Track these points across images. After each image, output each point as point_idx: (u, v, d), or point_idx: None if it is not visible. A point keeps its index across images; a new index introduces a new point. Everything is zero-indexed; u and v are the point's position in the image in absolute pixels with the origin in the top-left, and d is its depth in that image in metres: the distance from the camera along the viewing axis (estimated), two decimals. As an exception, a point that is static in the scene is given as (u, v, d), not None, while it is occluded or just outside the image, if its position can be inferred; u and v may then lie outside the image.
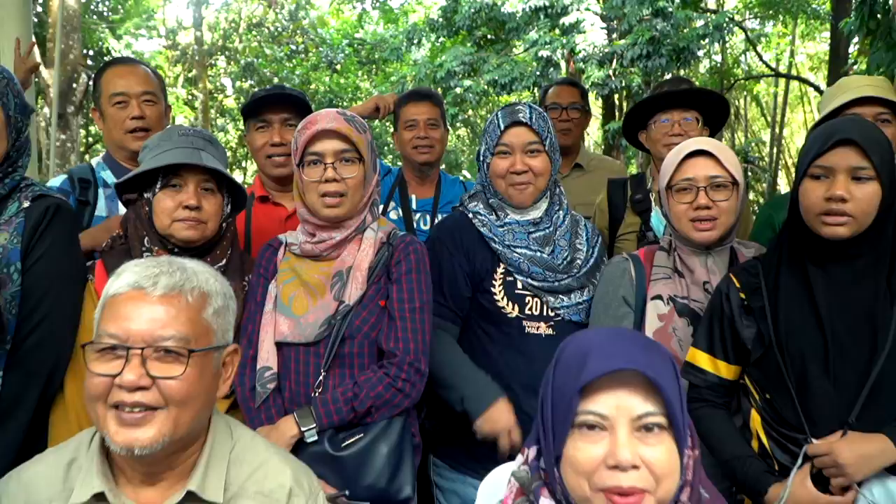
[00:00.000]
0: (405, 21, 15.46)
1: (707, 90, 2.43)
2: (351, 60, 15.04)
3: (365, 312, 1.45)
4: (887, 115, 1.79)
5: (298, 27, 14.49)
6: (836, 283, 1.34)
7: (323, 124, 1.43)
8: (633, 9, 6.80)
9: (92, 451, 1.01)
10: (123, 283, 0.99)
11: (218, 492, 1.01)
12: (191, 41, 15.18)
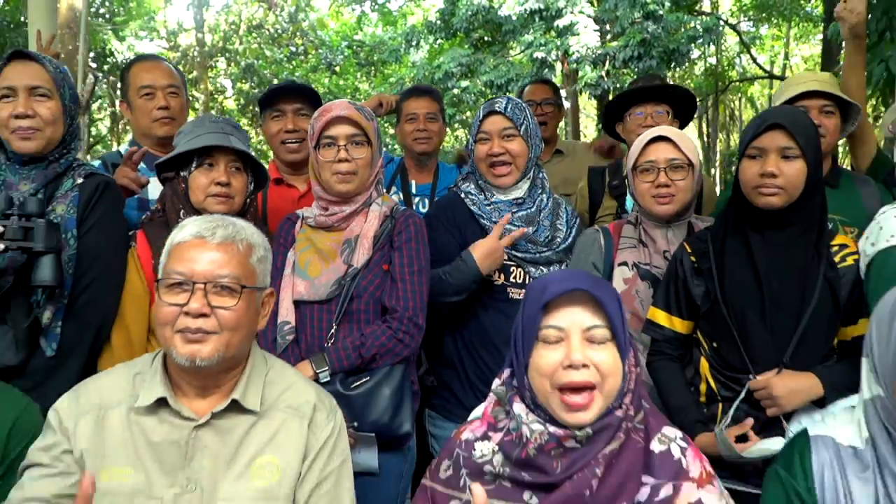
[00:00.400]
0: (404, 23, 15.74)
1: (676, 86, 2.67)
2: (350, 62, 15.32)
3: (370, 275, 1.70)
4: (830, 107, 2.04)
5: (298, 29, 14.76)
6: (772, 247, 1.59)
7: (337, 112, 1.69)
8: (625, 12, 7.06)
9: (155, 366, 1.26)
10: (187, 233, 1.23)
11: (255, 403, 1.26)
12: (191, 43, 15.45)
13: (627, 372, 1.11)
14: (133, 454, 1.22)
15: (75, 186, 1.65)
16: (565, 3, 7.42)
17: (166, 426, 1.23)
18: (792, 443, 1.23)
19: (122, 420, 1.22)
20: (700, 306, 1.65)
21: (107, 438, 1.21)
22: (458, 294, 1.78)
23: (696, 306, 1.66)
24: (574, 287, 1.07)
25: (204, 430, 1.24)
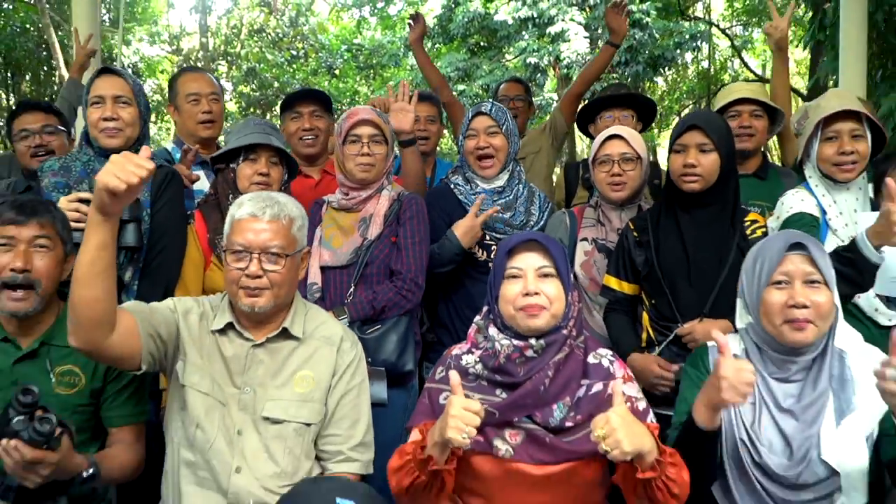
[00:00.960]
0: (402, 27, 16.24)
1: (639, 94, 3.15)
2: (349, 65, 15.80)
3: (381, 245, 2.16)
4: (759, 111, 2.52)
5: (299, 33, 15.24)
6: (696, 223, 2.05)
7: (361, 115, 2.16)
8: (613, 20, 7.54)
9: (224, 304, 1.72)
10: (244, 212, 1.68)
11: (299, 332, 1.72)
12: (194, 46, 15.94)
13: (570, 302, 1.57)
14: (207, 362, 1.68)
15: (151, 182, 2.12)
16: (557, 11, 7.90)
17: (233, 344, 1.70)
18: (696, 351, 1.70)
19: (203, 334, 1.69)
20: (641, 271, 2.11)
21: (194, 343, 1.67)
22: (447, 265, 2.24)
23: (638, 272, 2.12)
24: (529, 238, 1.53)
25: (259, 349, 1.70)
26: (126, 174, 1.37)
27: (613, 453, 1.29)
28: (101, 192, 1.37)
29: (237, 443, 1.64)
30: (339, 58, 15.63)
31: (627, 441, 1.28)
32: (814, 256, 1.53)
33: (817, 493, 1.49)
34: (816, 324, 1.52)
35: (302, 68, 15.37)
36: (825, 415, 1.53)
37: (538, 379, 1.52)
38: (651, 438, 1.34)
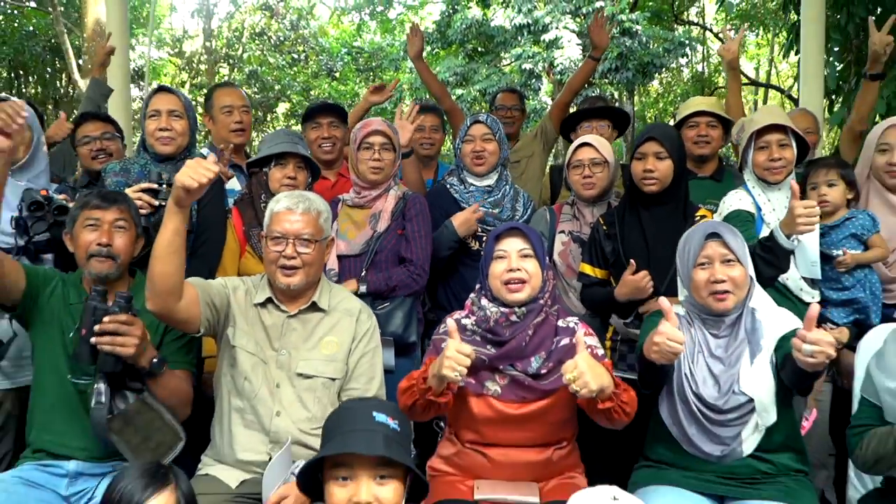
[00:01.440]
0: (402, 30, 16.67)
1: (614, 107, 3.58)
2: (349, 68, 16.23)
3: (389, 237, 2.59)
4: (714, 122, 2.96)
5: (300, 37, 15.67)
6: (655, 218, 2.48)
7: (374, 126, 2.60)
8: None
9: (263, 282, 2.15)
10: (282, 206, 2.11)
11: (325, 305, 2.14)
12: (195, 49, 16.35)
13: (546, 278, 2.00)
14: (251, 330, 2.10)
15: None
16: (551, 19, 8.33)
17: (271, 315, 2.12)
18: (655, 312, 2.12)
19: (248, 306, 2.11)
20: (609, 259, 2.54)
21: (241, 313, 2.10)
22: (445, 251, 2.65)
23: (607, 259, 2.54)
24: (512, 226, 1.97)
25: (293, 319, 2.13)
26: (198, 175, 1.79)
27: (582, 392, 1.69)
28: (178, 189, 1.80)
29: (276, 393, 2.07)
30: (340, 61, 16.07)
31: (593, 381, 1.69)
32: (727, 241, 1.96)
33: (738, 414, 1.92)
34: (734, 293, 1.96)
35: (303, 71, 15.80)
36: (743, 358, 1.96)
37: (520, 338, 1.94)
38: (609, 376, 1.77)
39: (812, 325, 1.71)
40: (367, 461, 1.44)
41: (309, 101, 16.17)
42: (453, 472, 2.01)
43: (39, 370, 2.14)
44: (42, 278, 2.13)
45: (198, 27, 16.60)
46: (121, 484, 1.53)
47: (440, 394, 1.77)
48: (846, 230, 2.40)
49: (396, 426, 1.49)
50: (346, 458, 1.45)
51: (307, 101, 16.08)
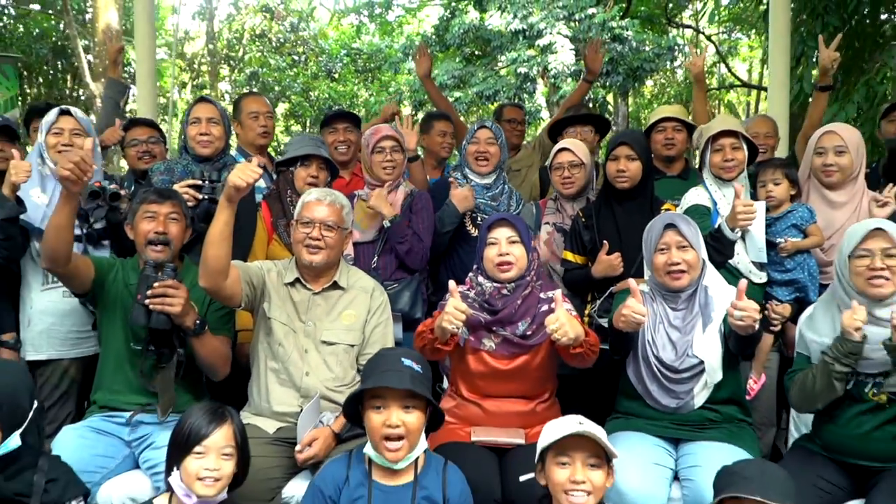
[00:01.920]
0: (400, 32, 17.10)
1: (596, 115, 4.01)
2: (348, 69, 16.64)
3: (398, 226, 3.01)
4: (679, 127, 3.39)
5: (300, 39, 16.09)
6: (626, 212, 2.90)
7: (385, 132, 3.02)
8: (596, 34, 8.43)
9: (291, 265, 2.57)
10: (312, 197, 2.53)
11: (345, 283, 2.56)
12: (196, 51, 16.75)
13: (531, 259, 2.42)
14: (282, 305, 2.52)
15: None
16: (545, 24, 8.76)
17: (299, 292, 2.54)
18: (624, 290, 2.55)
19: (279, 285, 2.53)
20: (587, 246, 2.96)
21: (274, 290, 2.52)
22: (449, 226, 3.06)
23: (585, 247, 2.97)
24: (501, 217, 2.40)
25: (317, 295, 2.54)
26: (246, 176, 2.21)
27: (562, 340, 2.12)
28: (230, 188, 2.22)
29: (305, 357, 2.49)
30: (339, 62, 16.48)
31: (570, 330, 2.12)
32: (682, 230, 2.38)
33: (691, 373, 2.34)
34: (689, 273, 2.38)
35: (302, 72, 16.20)
36: (696, 327, 2.38)
37: (510, 307, 2.37)
38: (581, 327, 2.20)
39: (742, 296, 2.14)
40: (397, 394, 1.87)
41: (308, 101, 16.61)
42: (454, 421, 2.43)
43: (105, 341, 2.56)
44: (106, 267, 2.55)
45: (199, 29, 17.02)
46: (189, 420, 1.94)
47: (444, 343, 2.20)
48: (788, 221, 2.83)
49: (420, 370, 1.92)
50: (381, 391, 1.88)
51: (307, 101, 16.51)
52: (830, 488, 2.20)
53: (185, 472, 1.87)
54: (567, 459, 1.84)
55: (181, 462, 1.88)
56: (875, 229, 2.22)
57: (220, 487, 1.89)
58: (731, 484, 1.78)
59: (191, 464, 1.86)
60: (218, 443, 1.89)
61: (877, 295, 2.19)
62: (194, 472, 1.86)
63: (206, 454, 1.87)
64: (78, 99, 13.64)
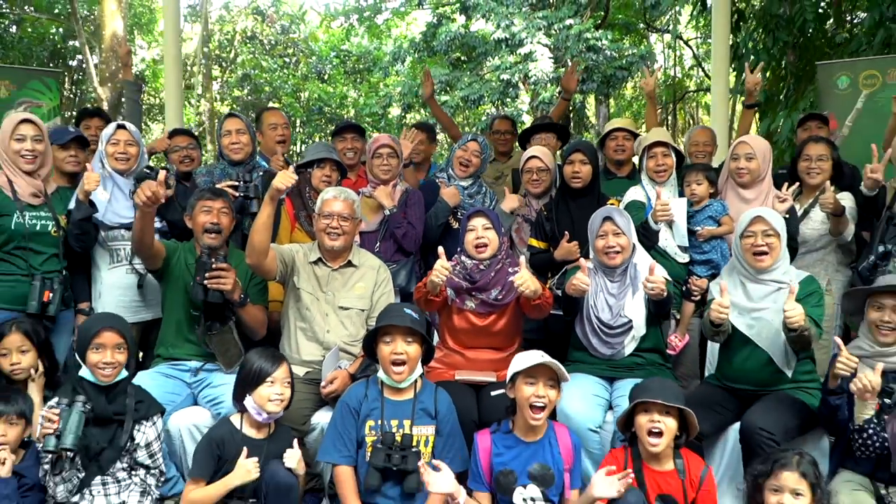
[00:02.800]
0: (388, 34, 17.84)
1: (558, 124, 4.81)
2: (338, 71, 17.35)
3: (393, 217, 3.77)
4: (628, 136, 4.18)
5: (291, 41, 16.78)
6: (579, 206, 3.67)
7: (383, 141, 3.79)
8: (573, 44, 9.23)
9: (314, 247, 3.33)
10: (330, 195, 3.29)
11: (357, 262, 3.33)
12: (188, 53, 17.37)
13: (502, 242, 3.20)
14: (308, 278, 3.28)
15: (258, 175, 3.72)
16: (526, 34, 9.54)
17: (321, 269, 3.30)
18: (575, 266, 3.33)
19: (305, 263, 3.29)
20: (548, 234, 3.74)
21: (302, 267, 3.28)
22: (442, 219, 3.81)
23: (546, 234, 3.75)
24: (478, 209, 3.18)
25: (335, 272, 3.31)
26: (286, 180, 2.97)
27: (527, 292, 2.89)
28: (273, 189, 2.97)
29: (326, 319, 3.25)
30: (329, 64, 17.18)
31: (532, 284, 2.90)
32: (616, 220, 3.16)
33: (622, 329, 3.12)
34: (622, 254, 3.16)
35: (293, 74, 16.89)
36: (627, 294, 3.17)
37: (486, 279, 3.14)
38: (539, 284, 2.97)
39: (652, 272, 2.93)
40: (401, 330, 2.65)
41: (299, 102, 17.31)
42: (442, 367, 3.20)
43: (168, 308, 3.30)
44: (172, 249, 3.30)
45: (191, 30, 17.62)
46: (253, 363, 2.70)
47: (435, 295, 2.99)
48: (706, 213, 3.62)
49: (417, 316, 2.71)
50: (389, 329, 2.66)
51: (297, 102, 17.20)
52: (723, 410, 2.99)
53: (257, 397, 2.63)
54: (533, 380, 2.60)
55: (253, 391, 2.64)
56: (757, 216, 3.02)
57: (283, 406, 2.68)
58: (638, 394, 2.57)
59: (263, 391, 2.63)
60: (280, 375, 2.66)
61: (759, 266, 2.99)
62: (266, 395, 2.62)
63: (275, 383, 2.64)
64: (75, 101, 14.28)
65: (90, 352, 2.61)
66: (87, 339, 2.61)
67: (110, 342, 2.62)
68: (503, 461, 2.66)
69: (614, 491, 2.41)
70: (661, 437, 2.49)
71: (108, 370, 2.61)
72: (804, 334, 2.77)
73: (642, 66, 9.55)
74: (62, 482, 2.51)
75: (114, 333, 2.64)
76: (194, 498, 2.56)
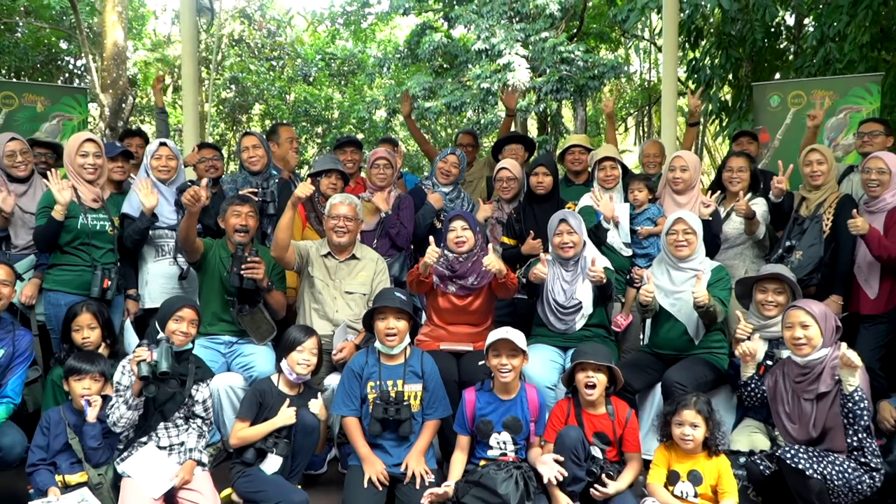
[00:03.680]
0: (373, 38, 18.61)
1: (526, 137, 5.67)
2: (323, 73, 18.09)
3: (390, 219, 4.60)
4: (584, 151, 5.05)
5: (277, 44, 17.50)
6: (542, 210, 4.53)
7: (380, 154, 4.64)
8: (548, 56, 10.10)
9: (324, 242, 4.16)
10: (337, 200, 4.12)
11: (360, 255, 4.16)
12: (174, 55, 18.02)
13: (478, 240, 4.04)
14: (320, 268, 4.11)
15: (274, 183, 4.54)
16: (505, 45, 10.37)
17: (329, 261, 4.13)
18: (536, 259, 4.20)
19: (317, 256, 4.12)
20: (518, 233, 4.59)
21: (315, 259, 4.10)
22: (430, 219, 4.66)
23: (515, 233, 4.60)
24: (458, 213, 4.02)
25: (342, 263, 4.14)
26: (306, 190, 3.80)
27: (493, 270, 3.72)
28: (295, 197, 3.80)
29: (335, 302, 4.08)
30: (314, 66, 17.92)
31: (499, 264, 3.74)
32: (570, 222, 4.00)
33: (574, 309, 3.97)
34: (574, 248, 4.01)
35: (280, 77, 17.60)
36: (579, 281, 4.02)
37: (464, 269, 3.98)
38: (504, 265, 3.81)
39: (594, 263, 3.79)
40: (392, 310, 3.48)
41: (286, 104, 18.04)
42: (429, 339, 4.04)
43: (205, 294, 4.10)
44: (208, 246, 4.11)
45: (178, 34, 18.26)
46: (290, 333, 3.52)
47: (426, 276, 3.82)
48: (645, 215, 4.49)
49: (405, 298, 3.54)
50: (384, 309, 3.49)
51: (284, 104, 17.92)
52: (651, 371, 3.86)
53: (290, 360, 3.45)
54: (497, 353, 3.43)
55: (287, 356, 3.46)
56: (678, 218, 3.89)
57: (310, 370, 3.51)
58: (576, 357, 3.42)
59: (294, 356, 3.45)
60: (309, 345, 3.49)
61: (679, 256, 3.87)
62: (296, 360, 3.45)
63: (303, 351, 3.46)
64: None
65: (171, 321, 3.40)
66: (170, 312, 3.42)
67: (188, 316, 3.43)
68: (484, 413, 3.48)
69: (550, 474, 3.15)
70: (595, 389, 3.35)
71: (183, 337, 3.41)
72: (710, 310, 3.64)
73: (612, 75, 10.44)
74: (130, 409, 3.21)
75: (192, 311, 3.45)
76: (243, 434, 3.37)
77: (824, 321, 3.29)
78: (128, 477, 3.22)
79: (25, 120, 5.67)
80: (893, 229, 4.11)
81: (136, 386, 3.18)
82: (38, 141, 4.69)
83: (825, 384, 3.21)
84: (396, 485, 3.40)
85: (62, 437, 3.34)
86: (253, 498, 3.30)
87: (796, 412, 3.29)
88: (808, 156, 4.47)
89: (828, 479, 3.01)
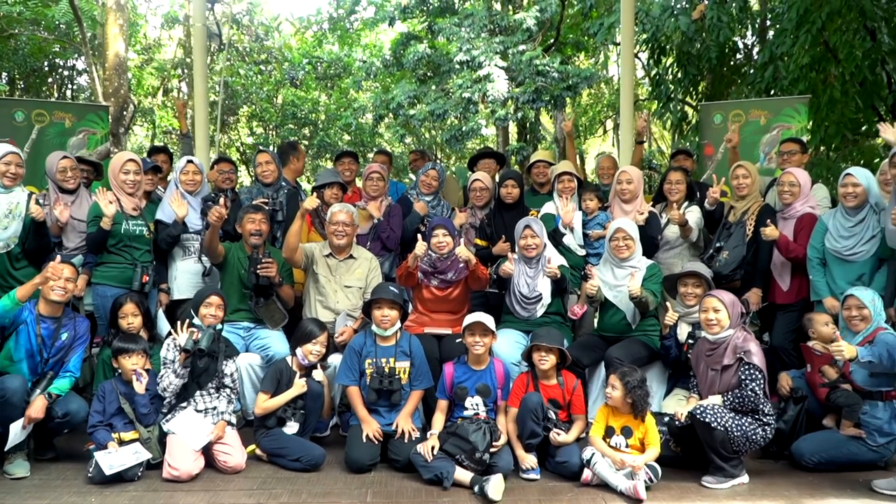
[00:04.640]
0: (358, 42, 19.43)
1: (497, 152, 6.59)
2: (310, 76, 18.88)
3: (382, 225, 5.49)
4: (547, 165, 5.97)
5: (266, 49, 18.29)
6: (510, 216, 5.43)
7: (374, 168, 5.56)
8: (525, 68, 11.02)
9: (326, 244, 5.05)
10: (337, 209, 5.01)
11: (357, 255, 5.05)
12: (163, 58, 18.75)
13: (456, 242, 4.93)
14: (323, 266, 4.99)
15: (283, 193, 5.41)
16: (484, 57, 11.28)
17: (331, 260, 5.02)
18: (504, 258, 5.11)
19: (321, 256, 5.00)
20: (490, 236, 5.49)
21: (319, 258, 4.99)
22: (417, 224, 5.54)
23: (488, 236, 5.50)
24: (440, 221, 4.92)
25: (341, 262, 5.03)
26: (313, 203, 4.70)
27: (464, 257, 4.64)
28: (303, 208, 4.69)
29: (336, 294, 4.96)
30: (301, 70, 18.71)
31: (471, 258, 4.66)
32: (532, 227, 4.91)
33: (536, 299, 4.86)
34: (536, 249, 4.91)
35: (267, 80, 18.38)
36: (540, 276, 4.92)
37: (444, 267, 4.88)
38: (473, 256, 4.74)
39: (550, 262, 4.70)
40: (387, 301, 4.37)
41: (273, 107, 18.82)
42: (415, 325, 4.93)
43: (226, 288, 4.95)
44: (228, 248, 4.97)
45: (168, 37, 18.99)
46: (306, 327, 4.40)
47: (414, 269, 4.71)
48: (596, 220, 5.41)
49: (398, 291, 4.43)
50: (379, 300, 4.38)
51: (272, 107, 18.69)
52: (598, 350, 4.79)
53: (304, 349, 4.33)
54: (472, 332, 4.32)
55: (302, 345, 4.34)
56: (618, 227, 4.82)
57: (318, 358, 4.38)
58: (533, 339, 4.33)
59: (308, 346, 4.34)
60: (322, 339, 4.38)
61: (621, 258, 4.79)
62: (309, 350, 4.33)
63: (316, 343, 4.35)
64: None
65: (202, 307, 4.27)
66: (201, 299, 4.29)
67: (215, 302, 4.30)
68: (460, 381, 4.37)
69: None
70: (547, 364, 4.26)
71: (212, 319, 4.27)
72: (642, 300, 4.57)
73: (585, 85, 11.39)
74: (178, 377, 4.09)
75: (218, 297, 4.32)
76: (267, 404, 4.25)
77: (732, 307, 4.21)
78: (172, 434, 4.08)
79: (55, 134, 6.46)
80: (802, 233, 5.06)
81: (182, 357, 4.05)
82: (82, 159, 5.51)
83: (728, 358, 4.13)
84: (389, 440, 4.29)
85: (115, 403, 4.19)
86: (278, 453, 4.19)
87: (706, 380, 4.22)
88: (735, 171, 5.41)
89: (728, 430, 3.93)
